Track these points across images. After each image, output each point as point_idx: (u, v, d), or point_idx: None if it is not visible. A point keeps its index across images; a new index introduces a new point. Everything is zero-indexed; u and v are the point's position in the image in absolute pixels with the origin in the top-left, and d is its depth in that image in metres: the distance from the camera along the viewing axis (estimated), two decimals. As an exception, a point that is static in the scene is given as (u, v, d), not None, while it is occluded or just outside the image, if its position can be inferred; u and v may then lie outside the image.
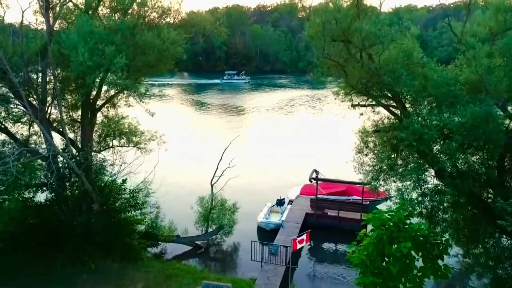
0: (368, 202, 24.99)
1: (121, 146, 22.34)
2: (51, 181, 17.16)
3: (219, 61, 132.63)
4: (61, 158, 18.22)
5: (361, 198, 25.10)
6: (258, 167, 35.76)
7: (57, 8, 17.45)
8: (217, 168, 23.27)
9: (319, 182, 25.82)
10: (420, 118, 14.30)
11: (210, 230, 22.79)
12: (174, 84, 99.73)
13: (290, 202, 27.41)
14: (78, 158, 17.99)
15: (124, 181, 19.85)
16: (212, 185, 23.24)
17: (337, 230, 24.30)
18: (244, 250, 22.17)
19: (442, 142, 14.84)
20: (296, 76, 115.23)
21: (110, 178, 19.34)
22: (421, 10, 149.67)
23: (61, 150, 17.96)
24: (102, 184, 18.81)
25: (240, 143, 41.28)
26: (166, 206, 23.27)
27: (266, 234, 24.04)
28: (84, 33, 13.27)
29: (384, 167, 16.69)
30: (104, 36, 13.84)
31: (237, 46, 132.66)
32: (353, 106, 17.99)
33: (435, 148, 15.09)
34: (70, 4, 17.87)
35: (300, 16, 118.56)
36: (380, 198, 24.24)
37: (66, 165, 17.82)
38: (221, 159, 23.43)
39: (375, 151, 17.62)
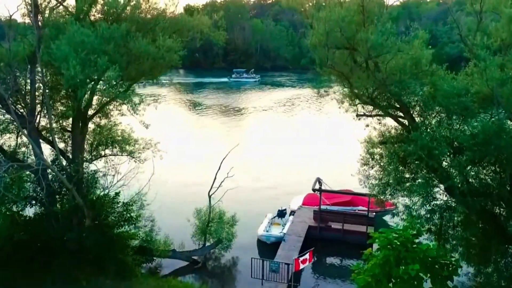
0: (374, 214, 25.12)
1: (114, 155, 22.50)
2: (41, 195, 17.25)
3: (217, 57, 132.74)
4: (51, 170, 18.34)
5: (366, 208, 25.21)
6: (258, 174, 35.89)
7: (47, 13, 17.54)
8: (215, 178, 23.36)
9: (322, 193, 25.94)
10: (429, 131, 14.40)
11: (207, 244, 22.89)
12: (177, 83, 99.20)
13: (292, 213, 27.52)
14: (68, 170, 18.08)
15: (117, 194, 19.95)
16: (209, 196, 23.33)
17: (341, 243, 24.42)
18: (243, 265, 22.28)
19: (452, 156, 14.99)
20: (298, 74, 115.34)
21: (103, 192, 19.42)
22: (430, 3, 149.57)
23: (50, 163, 18.05)
24: (94, 198, 18.89)
25: (240, 148, 41.50)
26: (162, 218, 23.35)
27: (267, 247, 24.17)
28: (75, 43, 13.36)
29: (391, 181, 16.86)
30: (96, 45, 13.93)
31: (236, 42, 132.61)
32: (358, 116, 18.13)
33: (444, 162, 15.25)
34: (61, 7, 18.02)
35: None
36: (387, 209, 24.39)
37: (56, 177, 17.91)
38: (219, 169, 23.54)
39: (382, 164, 17.77)
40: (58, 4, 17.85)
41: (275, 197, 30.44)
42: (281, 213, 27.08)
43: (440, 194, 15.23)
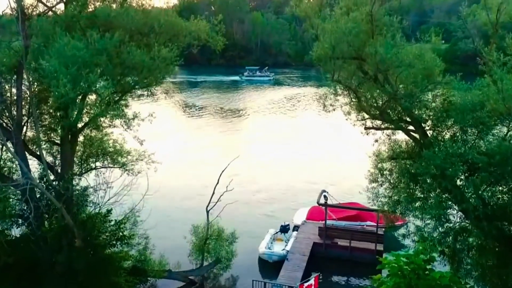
0: (384, 229, 25.22)
1: (105, 168, 22.63)
2: (28, 214, 17.37)
3: (214, 53, 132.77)
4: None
5: (375, 224, 25.32)
6: (260, 185, 36.02)
7: (34, 20, 17.66)
8: (213, 193, 23.47)
9: (328, 209, 26.02)
10: (442, 149, 14.52)
11: (205, 263, 23.00)
12: (180, 82, 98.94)
13: (296, 228, 27.66)
14: (57, 188, 18.20)
15: (109, 211, 20.07)
16: (207, 212, 23.44)
17: (348, 261, 24.55)
18: (244, 286, 22.41)
19: (466, 175, 15.12)
20: (302, 70, 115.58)
21: (94, 209, 19.55)
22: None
23: (38, 179, 18.18)
24: (85, 218, 19.01)
25: (240, 157, 41.64)
26: (156, 236, 23.46)
27: (269, 266, 24.30)
28: (65, 57, 13.49)
29: (402, 200, 17.01)
30: (88, 58, 14.06)
31: (234, 37, 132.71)
32: (367, 129, 18.27)
33: (459, 181, 15.38)
34: (50, 13, 18.13)
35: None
36: (397, 225, 24.50)
37: (44, 196, 18.04)
38: (217, 183, 23.66)
39: (391, 181, 17.92)
40: (47, 10, 17.96)
41: (278, 210, 30.62)
42: (284, 228, 27.22)
43: (454, 216, 15.35)
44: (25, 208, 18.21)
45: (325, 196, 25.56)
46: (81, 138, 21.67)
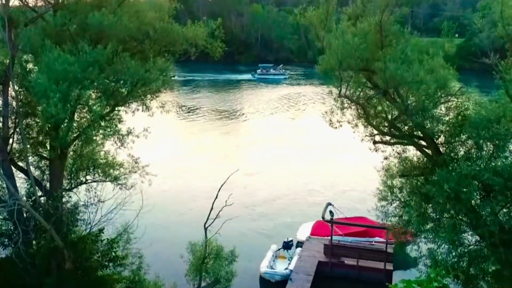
0: (393, 247, 25.41)
1: (96, 182, 22.79)
2: (15, 237, 17.53)
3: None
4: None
5: (384, 240, 25.50)
6: (260, 197, 36.18)
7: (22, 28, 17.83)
8: (211, 208, 23.60)
9: (334, 222, 26.20)
10: (456, 169, 14.68)
11: (203, 284, 23.11)
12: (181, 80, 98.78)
13: (300, 244, 27.85)
14: (47, 207, 18.38)
15: (101, 230, 20.23)
16: (205, 229, 23.57)
17: (356, 282, 24.73)
18: (244, 309, 22.60)
19: (482, 196, 15.31)
20: (305, 67, 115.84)
21: (85, 229, 19.72)
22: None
23: (26, 199, 18.35)
24: (76, 239, 19.18)
25: (240, 167, 41.77)
26: (151, 254, 23.64)
27: (271, 286, 24.48)
28: (55, 72, 13.64)
29: (413, 220, 17.22)
30: (79, 73, 14.22)
31: (233, 31, 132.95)
32: (375, 144, 18.44)
33: (474, 201, 15.57)
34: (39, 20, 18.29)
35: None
36: (407, 241, 24.68)
37: (32, 216, 18.21)
38: (216, 197, 23.79)
39: (402, 199, 18.12)
40: (36, 17, 18.12)
41: (280, 225, 30.84)
42: (287, 245, 27.40)
43: (468, 240, 15.53)
44: (11, 228, 18.38)
45: (331, 212, 25.72)
46: (70, 150, 21.91)
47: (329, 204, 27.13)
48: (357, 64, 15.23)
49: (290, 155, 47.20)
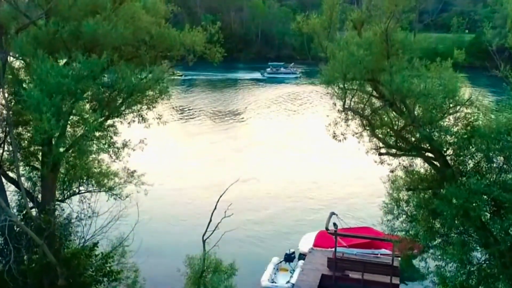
0: (399, 260, 25.52)
1: (90, 192, 22.94)
2: (7, 253, 17.67)
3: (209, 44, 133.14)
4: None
5: (390, 252, 25.62)
6: (260, 205, 36.24)
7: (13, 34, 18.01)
8: (210, 220, 23.75)
9: (338, 231, 26.31)
10: (464, 185, 14.81)
11: (201, 299, 23.28)
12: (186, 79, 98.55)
13: (302, 256, 27.99)
14: (38, 221, 18.53)
15: (95, 244, 20.42)
16: (204, 241, 23.72)
17: (361, 296, 24.90)
18: (245, 325, 22.74)
19: (492, 212, 15.45)
20: (307, 65, 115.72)
21: (78, 244, 19.89)
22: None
23: (17, 213, 18.50)
24: (69, 255, 19.33)
25: (240, 173, 41.88)
26: (147, 268, 23.76)
27: (272, 301, 24.66)
28: (48, 85, 13.79)
29: (421, 234, 17.39)
30: (73, 85, 14.37)
31: (232, 27, 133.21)
32: (381, 154, 18.59)
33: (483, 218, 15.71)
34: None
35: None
36: (414, 254, 24.78)
37: (23, 231, 18.37)
38: (215, 208, 23.93)
39: (409, 213, 18.27)
40: (27, 24, 18.26)
41: (281, 235, 30.97)
42: (289, 257, 27.53)
43: (478, 258, 15.67)
44: (2, 243, 18.53)
45: (335, 224, 25.83)
46: (63, 161, 22.05)
47: (333, 213, 27.19)
48: (362, 74, 15.38)
49: (292, 160, 47.26)
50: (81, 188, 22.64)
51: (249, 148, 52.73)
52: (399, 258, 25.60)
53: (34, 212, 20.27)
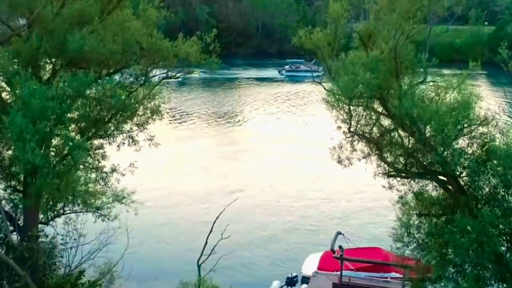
0: (411, 285, 25.71)
1: (76, 212, 23.17)
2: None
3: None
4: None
5: (401, 276, 25.78)
6: (259, 223, 36.35)
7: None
8: (206, 243, 23.98)
9: (345, 252, 26.47)
10: (478, 217, 15.07)
11: (197, 329, 23.51)
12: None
13: (305, 280, 28.17)
14: (20, 249, 18.79)
15: (81, 272, 20.68)
16: (199, 266, 23.96)
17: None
18: None
19: (509, 244, 15.73)
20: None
21: (64, 272, 20.15)
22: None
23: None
24: (54, 285, 19.59)
25: (240, 184, 42.18)
26: (137, 295, 24.12)
27: (274, 331, 24.89)
28: (32, 110, 14.03)
29: (433, 263, 17.66)
30: (58, 109, 14.62)
31: (230, 19, 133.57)
32: (390, 177, 18.84)
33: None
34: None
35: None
36: (427, 276, 24.99)
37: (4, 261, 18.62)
38: (211, 231, 24.16)
39: (420, 240, 18.52)
40: (10, 36, 18.53)
41: (283, 257, 31.19)
42: (291, 281, 27.75)
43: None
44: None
45: (341, 248, 26.00)
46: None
47: (339, 233, 27.31)
48: (370, 94, 15.62)
49: (296, 171, 47.35)
50: (66, 208, 22.86)
51: (250, 158, 52.84)
52: (410, 283, 25.82)
53: (15, 236, 20.55)
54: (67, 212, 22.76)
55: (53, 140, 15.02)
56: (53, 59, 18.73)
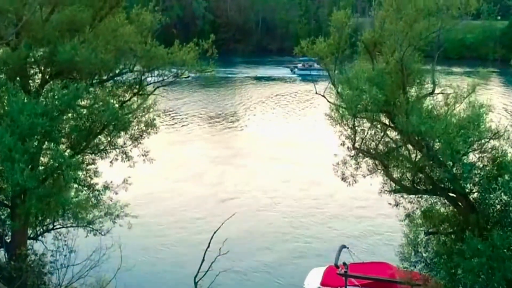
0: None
1: (66, 227, 23.21)
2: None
3: (202, 35, 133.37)
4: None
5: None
6: (259, 236, 36.29)
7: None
8: (203, 260, 24.02)
9: (350, 267, 26.50)
10: (488, 239, 15.18)
11: None
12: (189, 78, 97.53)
13: (308, 296, 28.23)
14: (8, 268, 18.87)
15: (72, 292, 20.73)
16: (196, 283, 24.03)
17: None
18: None
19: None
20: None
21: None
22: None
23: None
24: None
25: (240, 192, 42.14)
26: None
27: None
28: (21, 127, 14.10)
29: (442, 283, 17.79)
30: (48, 125, 14.70)
31: (228, 14, 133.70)
32: (396, 192, 18.93)
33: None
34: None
35: None
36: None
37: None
38: (208, 246, 24.20)
39: (428, 260, 18.63)
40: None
41: (284, 271, 31.12)
42: (293, 297, 27.82)
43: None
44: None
45: (345, 264, 26.05)
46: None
47: (344, 247, 27.28)
48: (376, 109, 15.71)
49: (300, 179, 47.28)
50: (56, 223, 22.92)
51: (251, 164, 52.78)
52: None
53: (2, 253, 20.61)
54: (57, 227, 22.81)
55: (42, 158, 14.99)
56: (43, 69, 18.75)
